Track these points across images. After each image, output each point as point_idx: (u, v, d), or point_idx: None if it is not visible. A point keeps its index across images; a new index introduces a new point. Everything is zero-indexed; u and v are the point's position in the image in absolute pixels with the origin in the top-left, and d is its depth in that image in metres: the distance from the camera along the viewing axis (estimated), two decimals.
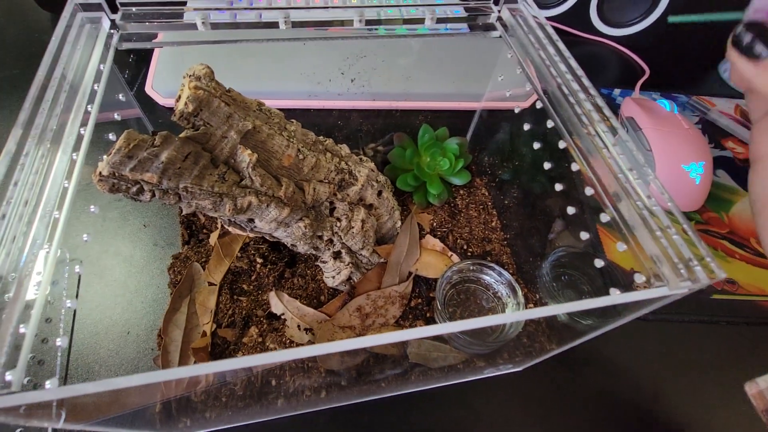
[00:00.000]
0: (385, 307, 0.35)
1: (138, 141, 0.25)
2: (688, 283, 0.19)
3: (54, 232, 0.19)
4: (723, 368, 0.39)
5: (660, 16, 0.63)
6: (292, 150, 0.31)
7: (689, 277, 0.19)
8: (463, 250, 0.38)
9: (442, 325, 0.19)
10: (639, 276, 0.21)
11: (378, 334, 0.18)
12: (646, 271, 0.21)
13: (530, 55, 0.28)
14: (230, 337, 0.33)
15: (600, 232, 0.43)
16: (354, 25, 0.29)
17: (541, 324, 0.34)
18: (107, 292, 0.36)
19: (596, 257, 0.27)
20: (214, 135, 0.28)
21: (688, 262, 0.19)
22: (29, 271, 0.18)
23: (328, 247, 0.34)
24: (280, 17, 0.27)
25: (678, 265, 0.19)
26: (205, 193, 0.27)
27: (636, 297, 0.19)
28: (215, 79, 0.29)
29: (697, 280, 0.19)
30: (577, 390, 0.36)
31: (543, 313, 0.20)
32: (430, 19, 0.29)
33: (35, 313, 0.17)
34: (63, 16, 0.25)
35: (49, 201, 0.19)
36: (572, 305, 0.20)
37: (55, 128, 0.21)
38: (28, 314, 0.17)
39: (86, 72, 0.24)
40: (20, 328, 0.16)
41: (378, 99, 0.40)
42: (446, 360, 0.33)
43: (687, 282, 0.19)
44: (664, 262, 0.19)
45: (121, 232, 0.40)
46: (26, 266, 0.18)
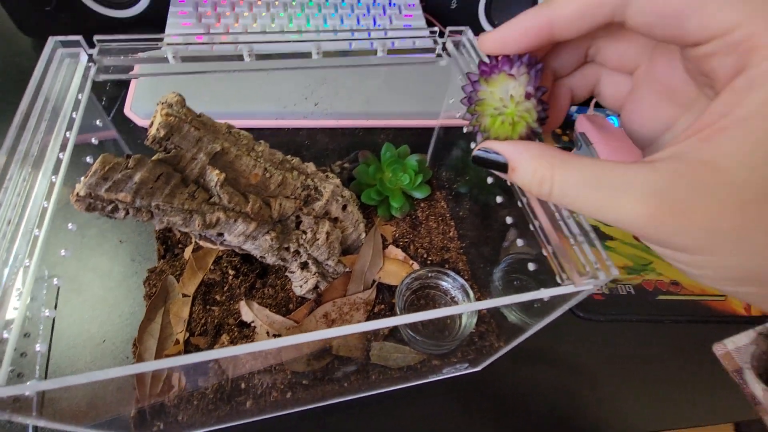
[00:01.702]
0: (351, 314, 0.38)
1: (113, 164, 0.27)
2: (591, 281, 0.22)
3: (34, 248, 0.21)
4: (668, 361, 0.43)
5: None
6: (258, 169, 0.34)
7: (592, 275, 0.22)
8: (424, 258, 0.41)
9: (394, 318, 0.22)
10: (558, 277, 0.25)
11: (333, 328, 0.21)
12: (561, 272, 0.24)
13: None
14: (202, 345, 0.35)
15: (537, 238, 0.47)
16: (312, 57, 0.32)
17: (491, 324, 0.37)
18: (85, 306, 0.38)
19: (532, 262, 0.30)
20: (185, 157, 0.31)
21: (592, 264, 0.22)
22: (10, 285, 0.20)
23: (295, 258, 0.37)
24: (244, 50, 0.30)
25: (585, 267, 0.23)
26: (175, 210, 0.30)
27: (549, 293, 0.22)
28: (186, 105, 0.32)
29: (597, 277, 0.22)
30: (535, 388, 0.39)
31: (477, 307, 0.23)
32: (382, 51, 0.32)
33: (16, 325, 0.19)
34: (44, 51, 0.27)
35: (30, 220, 0.21)
36: (499, 300, 0.23)
37: (36, 153, 0.24)
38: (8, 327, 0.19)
39: (65, 101, 0.26)
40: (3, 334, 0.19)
41: (342, 119, 0.43)
42: (405, 360, 0.36)
43: (591, 279, 0.22)
44: (573, 265, 0.23)
45: (98, 249, 0.42)
46: (8, 280, 0.20)
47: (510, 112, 0.20)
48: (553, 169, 0.18)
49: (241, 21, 0.66)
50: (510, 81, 0.20)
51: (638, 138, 0.22)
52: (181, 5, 0.66)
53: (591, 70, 0.23)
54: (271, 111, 0.44)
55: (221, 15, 0.66)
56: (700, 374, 0.42)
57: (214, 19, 0.66)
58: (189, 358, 0.19)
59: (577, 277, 0.22)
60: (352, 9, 0.70)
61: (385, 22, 0.68)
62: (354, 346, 0.37)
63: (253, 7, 0.68)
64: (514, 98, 0.20)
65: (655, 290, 0.48)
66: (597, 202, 0.17)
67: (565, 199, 0.18)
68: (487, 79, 0.20)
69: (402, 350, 0.36)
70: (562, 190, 0.18)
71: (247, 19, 0.66)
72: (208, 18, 0.66)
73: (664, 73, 0.20)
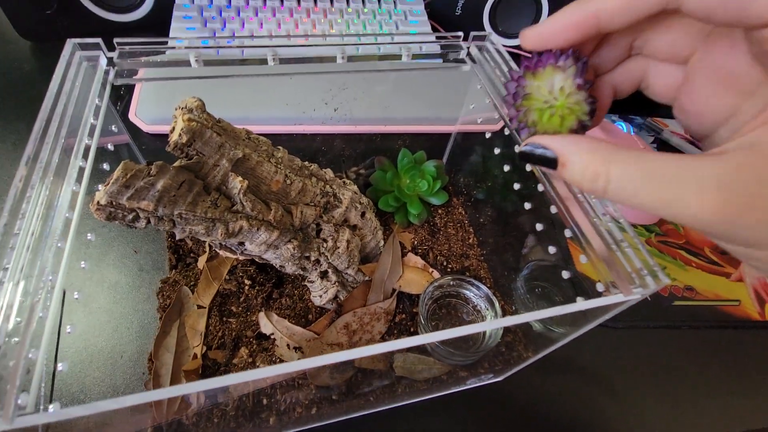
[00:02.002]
0: (371, 324, 0.37)
1: (135, 171, 0.26)
2: (640, 290, 0.21)
3: (59, 262, 0.20)
4: (686, 368, 0.42)
5: None
6: (280, 176, 0.33)
7: (640, 284, 0.21)
8: (443, 266, 0.40)
9: (423, 336, 0.21)
10: (600, 285, 0.24)
11: (362, 347, 0.20)
12: (605, 280, 0.23)
13: (496, 87, 0.31)
14: (220, 359, 0.34)
15: (570, 245, 0.46)
16: (337, 61, 0.31)
17: (518, 334, 0.36)
18: (95, 319, 0.36)
19: (564, 269, 0.29)
20: (207, 163, 0.29)
21: (639, 271, 0.22)
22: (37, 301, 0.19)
23: (315, 267, 0.36)
24: (268, 54, 0.29)
25: (631, 274, 0.22)
26: (198, 219, 0.29)
27: (596, 304, 0.22)
28: (206, 110, 0.31)
29: (647, 286, 0.21)
30: (556, 397, 0.38)
31: (511, 322, 0.22)
32: (407, 56, 0.32)
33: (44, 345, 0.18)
34: (63, 54, 0.26)
35: (55, 232, 0.20)
36: (539, 313, 0.22)
37: (57, 161, 0.23)
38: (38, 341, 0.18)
39: (86, 107, 0.25)
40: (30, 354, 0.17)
41: (359, 124, 0.43)
42: (430, 372, 0.35)
43: (639, 288, 0.21)
44: (619, 271, 0.22)
45: (106, 259, 0.40)
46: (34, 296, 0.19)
47: (560, 104, 0.19)
48: (608, 164, 0.17)
49: (247, 25, 0.66)
50: (558, 73, 0.19)
51: (696, 130, 0.21)
52: (185, 9, 0.65)
53: (636, 64, 0.22)
54: (289, 117, 0.43)
55: (226, 19, 0.66)
56: (716, 381, 0.42)
57: (219, 23, 0.65)
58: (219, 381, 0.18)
59: (626, 286, 0.22)
60: (358, 15, 0.69)
61: (392, 27, 0.68)
62: (377, 358, 0.36)
63: (258, 11, 0.67)
64: (564, 90, 0.19)
65: (671, 296, 0.48)
66: (659, 197, 0.16)
67: (622, 193, 0.17)
68: (534, 72, 0.20)
69: (426, 362, 0.35)
70: (620, 184, 0.17)
71: (252, 23, 0.66)
72: (213, 22, 0.65)
73: (724, 59, 0.19)
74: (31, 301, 0.18)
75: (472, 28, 0.72)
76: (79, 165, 0.23)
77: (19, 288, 0.18)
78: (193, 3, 0.67)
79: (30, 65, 0.61)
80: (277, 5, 0.69)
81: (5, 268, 0.18)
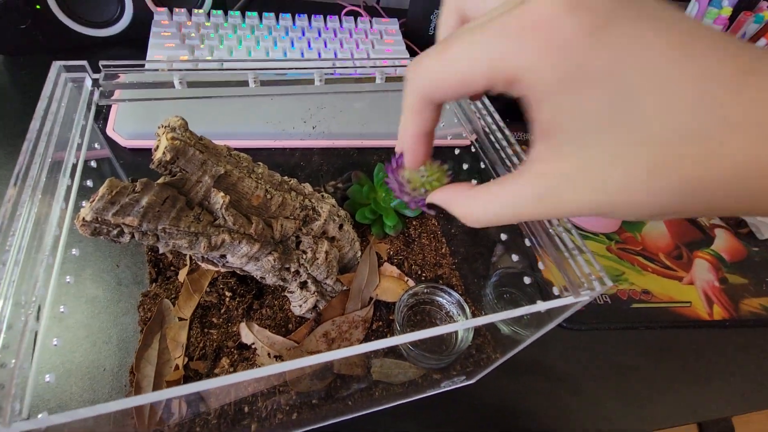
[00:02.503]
0: (350, 332, 0.38)
1: (120, 188, 0.27)
2: (588, 292, 0.24)
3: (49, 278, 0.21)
4: (643, 366, 0.46)
5: None
6: (260, 191, 0.35)
7: (588, 287, 0.24)
8: (418, 275, 0.42)
9: (397, 337, 0.23)
10: (555, 289, 0.26)
11: (339, 350, 0.21)
12: (559, 284, 0.26)
13: (463, 107, 0.34)
14: (202, 369, 0.34)
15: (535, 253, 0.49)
16: (315, 83, 0.33)
17: (487, 336, 0.39)
18: (75, 333, 0.36)
19: (527, 275, 0.32)
20: (190, 180, 0.31)
21: (587, 275, 0.24)
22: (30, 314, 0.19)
23: (294, 278, 0.37)
24: (250, 76, 0.31)
25: (581, 279, 0.25)
26: (182, 233, 0.30)
27: (551, 305, 0.24)
28: (188, 129, 0.32)
29: (594, 288, 0.24)
30: (524, 396, 0.40)
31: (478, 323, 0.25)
32: (380, 78, 0.34)
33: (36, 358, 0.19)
34: (49, 77, 0.27)
35: (44, 249, 0.21)
36: (501, 314, 0.25)
37: (44, 179, 0.24)
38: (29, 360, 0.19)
39: (73, 127, 0.26)
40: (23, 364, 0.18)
41: (337, 139, 0.45)
42: (406, 375, 0.37)
43: (587, 291, 0.24)
44: (570, 276, 0.25)
45: (83, 273, 0.40)
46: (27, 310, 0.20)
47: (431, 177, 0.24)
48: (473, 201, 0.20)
49: (226, 43, 0.67)
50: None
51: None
52: (163, 26, 0.66)
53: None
54: (269, 132, 0.45)
55: (205, 36, 0.67)
56: (671, 377, 0.45)
57: (198, 40, 0.66)
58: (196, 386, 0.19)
59: (575, 289, 0.24)
60: (335, 33, 0.72)
61: (368, 46, 0.71)
62: (355, 363, 0.37)
63: (237, 29, 0.69)
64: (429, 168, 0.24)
65: (629, 299, 0.51)
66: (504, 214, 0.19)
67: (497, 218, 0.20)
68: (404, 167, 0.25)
69: (402, 366, 0.37)
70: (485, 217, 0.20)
71: (231, 41, 0.67)
72: (192, 39, 0.66)
73: None
74: (25, 313, 0.19)
75: None
76: (66, 183, 0.24)
77: (9, 302, 0.19)
78: (171, 20, 0.69)
79: (3, 79, 0.60)
80: (256, 23, 0.70)
81: None
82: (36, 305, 0.19)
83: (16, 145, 0.54)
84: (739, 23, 0.58)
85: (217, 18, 0.70)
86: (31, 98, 0.58)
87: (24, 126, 0.58)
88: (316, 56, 0.67)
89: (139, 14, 0.68)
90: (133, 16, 0.68)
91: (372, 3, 0.86)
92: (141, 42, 0.67)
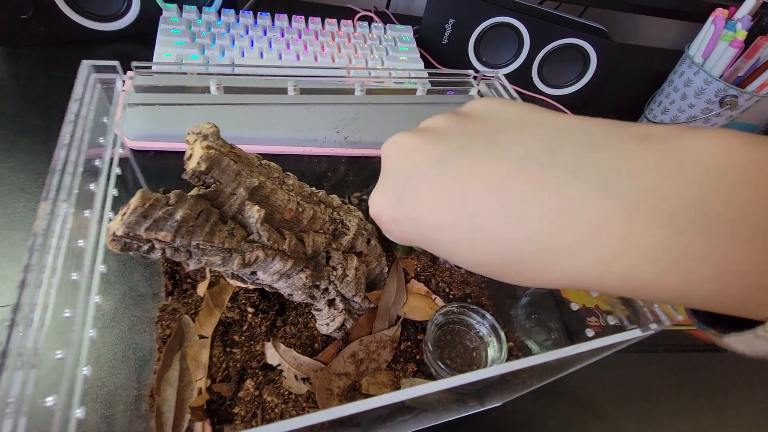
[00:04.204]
0: (378, 352, 0.37)
1: (153, 200, 0.25)
2: (654, 325, 0.23)
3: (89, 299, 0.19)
4: (664, 391, 0.45)
5: (588, 80, 0.73)
6: (292, 203, 0.33)
7: (654, 318, 0.23)
8: (445, 292, 0.41)
9: (447, 379, 0.22)
10: (611, 318, 0.25)
11: (414, 387, 0.20)
12: (618, 314, 0.25)
13: None
14: (225, 392, 0.32)
15: None
16: (356, 93, 0.31)
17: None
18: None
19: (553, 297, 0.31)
20: (224, 192, 0.29)
21: (651, 305, 0.24)
22: (76, 341, 0.17)
23: (323, 295, 0.35)
24: (290, 84, 0.30)
25: (643, 308, 0.24)
26: (215, 250, 0.28)
27: (616, 339, 0.23)
28: (221, 137, 0.30)
29: (660, 320, 0.23)
30: (545, 420, 0.39)
31: (530, 363, 0.24)
32: (422, 90, 0.33)
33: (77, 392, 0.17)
34: (79, 78, 0.25)
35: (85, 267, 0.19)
36: (561, 351, 0.24)
37: (78, 190, 0.22)
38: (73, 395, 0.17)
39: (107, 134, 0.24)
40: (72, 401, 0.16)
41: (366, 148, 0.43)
42: (440, 401, 0.35)
43: (654, 324, 0.23)
44: (636, 307, 0.24)
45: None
46: (70, 337, 0.17)
47: None
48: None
49: (238, 43, 0.65)
50: None
51: None
52: (172, 23, 0.64)
53: None
54: (299, 139, 0.43)
55: (216, 36, 0.65)
56: (689, 402, 0.45)
57: (208, 39, 0.64)
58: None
59: (643, 321, 0.23)
60: (349, 38, 0.71)
61: (382, 53, 0.69)
62: (383, 383, 0.36)
63: (249, 29, 0.67)
64: None
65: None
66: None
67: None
68: None
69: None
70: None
71: (243, 41, 0.65)
72: (202, 38, 0.64)
73: None
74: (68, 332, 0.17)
75: (458, 56, 0.75)
76: (101, 193, 0.22)
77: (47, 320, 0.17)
78: (181, 16, 0.66)
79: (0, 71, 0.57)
80: (268, 24, 0.68)
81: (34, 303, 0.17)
82: (79, 322, 0.17)
83: (14, 142, 0.51)
84: (755, 48, 0.58)
85: (228, 17, 0.68)
86: (30, 92, 0.55)
87: (23, 122, 0.55)
88: (330, 61, 0.65)
89: (147, 10, 0.65)
90: (140, 11, 0.65)
91: (382, 8, 0.85)
92: (146, 38, 0.65)
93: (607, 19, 0.91)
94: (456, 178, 0.18)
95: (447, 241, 0.19)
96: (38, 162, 0.48)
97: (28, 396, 0.16)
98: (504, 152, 0.17)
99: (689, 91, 0.65)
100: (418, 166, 0.20)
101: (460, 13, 0.72)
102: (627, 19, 0.97)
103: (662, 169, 0.14)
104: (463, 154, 0.18)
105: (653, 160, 0.14)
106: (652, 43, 1.01)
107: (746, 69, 0.60)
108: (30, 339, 0.17)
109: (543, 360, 0.22)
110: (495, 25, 0.71)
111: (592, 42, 0.69)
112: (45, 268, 0.18)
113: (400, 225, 0.21)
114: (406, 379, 0.36)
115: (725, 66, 0.59)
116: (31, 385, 0.16)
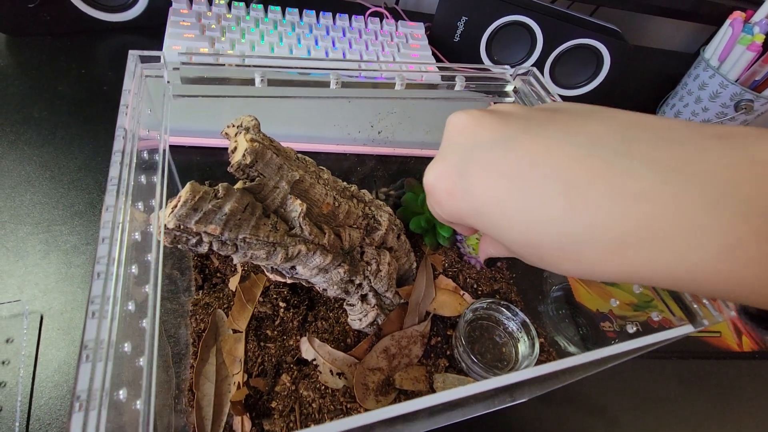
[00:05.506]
0: (409, 347, 0.37)
1: (202, 193, 0.25)
2: (706, 321, 0.23)
3: (156, 294, 0.19)
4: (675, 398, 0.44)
5: (601, 82, 0.74)
6: (330, 198, 0.33)
7: (704, 315, 0.24)
8: (474, 288, 0.41)
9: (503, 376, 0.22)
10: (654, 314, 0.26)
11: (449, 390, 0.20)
12: (669, 312, 0.25)
13: None
14: (262, 387, 0.32)
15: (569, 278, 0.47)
16: (396, 87, 0.31)
17: (551, 354, 0.38)
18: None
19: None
20: (267, 185, 0.29)
21: (690, 304, 0.24)
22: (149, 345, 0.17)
23: (357, 290, 0.35)
24: (332, 77, 0.29)
25: (692, 305, 0.24)
26: (260, 243, 0.27)
27: (662, 337, 0.24)
28: (261, 130, 0.30)
29: (711, 318, 0.23)
30: (558, 426, 0.39)
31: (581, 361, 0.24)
32: (461, 86, 0.33)
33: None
34: (128, 69, 0.24)
35: (152, 261, 0.19)
36: (610, 349, 0.24)
37: (133, 184, 0.21)
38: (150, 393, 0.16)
39: (161, 126, 0.24)
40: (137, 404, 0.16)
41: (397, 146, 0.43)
42: (476, 396, 0.35)
43: (705, 320, 0.24)
44: (687, 303, 0.24)
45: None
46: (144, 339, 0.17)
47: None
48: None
49: (248, 37, 0.64)
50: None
51: None
52: (182, 15, 0.63)
53: None
54: (334, 136, 0.43)
55: (226, 29, 0.64)
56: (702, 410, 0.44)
57: (218, 32, 0.63)
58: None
59: (694, 318, 0.24)
60: (360, 33, 0.70)
61: (394, 49, 0.69)
62: (416, 378, 0.36)
63: (260, 23, 0.66)
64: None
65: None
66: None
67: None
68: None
69: (464, 381, 0.36)
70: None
71: (254, 35, 0.64)
72: (212, 31, 0.63)
73: None
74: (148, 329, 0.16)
75: (469, 54, 0.76)
76: (159, 186, 0.22)
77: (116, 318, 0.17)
78: (191, 9, 0.65)
79: (4, 60, 0.55)
80: (279, 18, 0.68)
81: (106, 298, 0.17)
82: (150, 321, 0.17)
83: (19, 133, 0.50)
84: None
85: (238, 10, 0.67)
86: (36, 83, 0.53)
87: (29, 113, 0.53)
88: (341, 56, 0.65)
89: (155, 1, 0.64)
90: (149, 2, 0.64)
91: (392, 4, 0.85)
92: (154, 30, 0.63)
93: (617, 20, 0.92)
94: (522, 156, 0.18)
95: (501, 219, 0.18)
96: (44, 154, 0.47)
97: (107, 389, 0.15)
98: (575, 138, 0.17)
99: (704, 95, 0.65)
100: (485, 141, 0.19)
101: (473, 11, 0.72)
102: (637, 20, 0.97)
103: (743, 166, 0.14)
104: (532, 135, 0.18)
105: (734, 158, 0.15)
106: (662, 45, 1.00)
107: (763, 73, 0.60)
108: (103, 331, 0.17)
109: (592, 357, 0.22)
110: (508, 23, 0.71)
111: (607, 42, 0.70)
112: (113, 261, 0.18)
113: (454, 198, 0.20)
114: (439, 374, 0.36)
115: (742, 70, 0.60)
116: (108, 378, 0.16)
